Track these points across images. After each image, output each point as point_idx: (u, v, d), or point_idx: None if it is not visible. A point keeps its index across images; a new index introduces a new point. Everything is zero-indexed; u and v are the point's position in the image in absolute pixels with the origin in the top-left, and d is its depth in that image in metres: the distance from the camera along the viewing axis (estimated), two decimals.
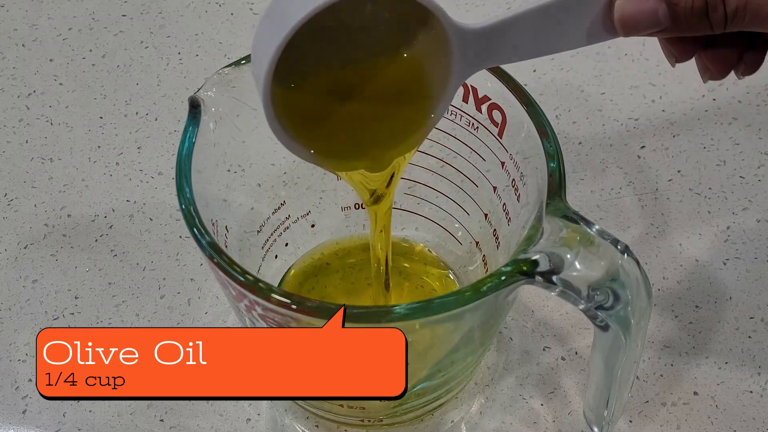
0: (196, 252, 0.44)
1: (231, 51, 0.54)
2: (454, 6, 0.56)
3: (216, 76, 0.33)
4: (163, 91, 0.52)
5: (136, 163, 0.48)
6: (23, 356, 0.41)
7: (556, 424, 0.38)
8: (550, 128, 0.32)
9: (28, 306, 0.42)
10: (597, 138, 0.49)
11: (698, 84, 0.51)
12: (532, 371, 0.40)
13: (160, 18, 0.56)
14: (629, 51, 0.53)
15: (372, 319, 0.28)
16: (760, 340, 0.40)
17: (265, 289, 0.28)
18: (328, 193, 0.41)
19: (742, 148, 0.48)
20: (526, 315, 0.41)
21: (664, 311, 0.41)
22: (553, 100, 0.51)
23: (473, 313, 0.30)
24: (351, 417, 0.37)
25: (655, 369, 0.40)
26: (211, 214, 0.32)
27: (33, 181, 0.48)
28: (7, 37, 0.56)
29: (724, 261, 0.43)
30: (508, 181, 0.34)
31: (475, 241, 0.39)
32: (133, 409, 0.39)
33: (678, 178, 0.47)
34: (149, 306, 0.42)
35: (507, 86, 0.33)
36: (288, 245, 0.41)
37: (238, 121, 0.34)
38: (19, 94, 0.52)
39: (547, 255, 0.28)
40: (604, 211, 0.45)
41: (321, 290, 0.41)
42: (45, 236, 0.45)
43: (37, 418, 0.39)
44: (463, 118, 0.36)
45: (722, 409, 0.38)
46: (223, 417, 0.38)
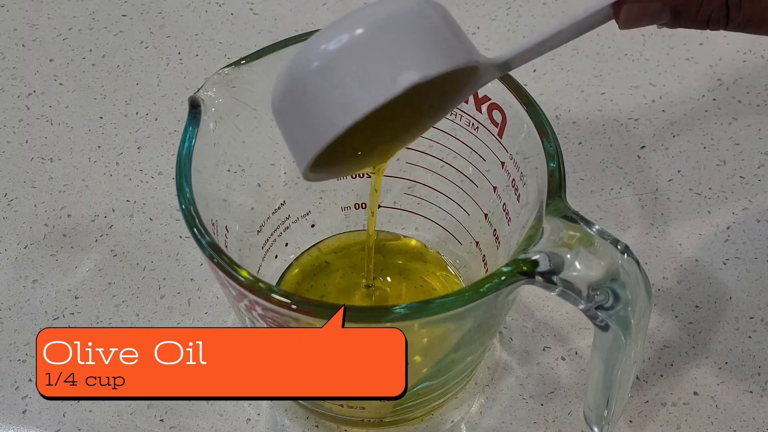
0: (196, 252, 0.44)
1: (231, 51, 0.54)
2: (455, 6, 0.56)
3: (216, 76, 0.33)
4: (163, 91, 0.52)
5: (136, 163, 0.48)
6: (23, 356, 0.41)
7: (556, 424, 0.38)
8: (550, 128, 0.31)
9: (28, 306, 0.42)
10: (597, 138, 0.49)
11: (698, 84, 0.51)
12: (532, 371, 0.40)
13: (160, 18, 0.56)
14: (629, 51, 0.53)
15: (372, 319, 0.28)
16: (760, 340, 0.40)
17: (265, 289, 0.28)
18: (328, 193, 0.42)
19: (742, 148, 0.48)
20: (526, 315, 0.41)
21: (664, 311, 0.41)
22: (553, 100, 0.51)
23: (473, 313, 0.30)
24: (351, 417, 0.37)
25: (655, 369, 0.40)
26: (211, 214, 0.32)
27: (33, 181, 0.48)
28: (7, 37, 0.56)
29: (724, 261, 0.43)
30: (508, 181, 0.34)
31: (475, 241, 0.39)
32: (133, 409, 0.39)
33: (678, 178, 0.47)
34: (149, 306, 0.42)
35: (507, 86, 0.33)
36: (288, 245, 0.41)
37: (238, 121, 0.34)
38: (19, 94, 0.52)
39: (547, 255, 0.28)
40: (604, 211, 0.45)
41: (320, 289, 0.41)
42: (45, 236, 0.45)
43: (37, 418, 0.39)
44: (463, 118, 0.36)
45: (722, 409, 0.38)
46: (223, 417, 0.38)
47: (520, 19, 0.55)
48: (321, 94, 0.26)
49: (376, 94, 0.25)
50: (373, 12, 0.26)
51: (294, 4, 0.57)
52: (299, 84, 0.27)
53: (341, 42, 0.26)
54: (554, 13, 0.56)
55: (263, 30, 0.55)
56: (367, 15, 0.26)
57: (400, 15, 0.26)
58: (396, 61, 0.25)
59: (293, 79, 0.27)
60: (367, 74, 0.25)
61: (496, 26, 0.55)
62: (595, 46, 0.53)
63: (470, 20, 0.55)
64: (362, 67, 0.25)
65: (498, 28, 0.55)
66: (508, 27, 0.55)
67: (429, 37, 0.26)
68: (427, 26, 0.26)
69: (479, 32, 0.54)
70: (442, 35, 0.26)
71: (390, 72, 0.25)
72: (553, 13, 0.56)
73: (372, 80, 0.25)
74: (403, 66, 0.25)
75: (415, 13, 0.26)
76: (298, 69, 0.27)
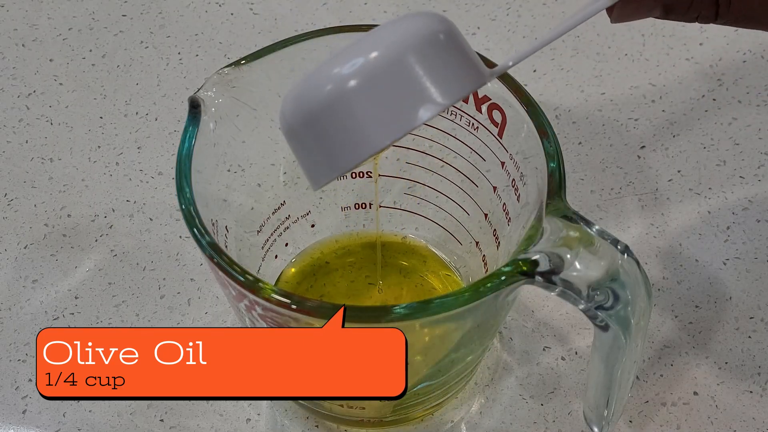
0: (196, 252, 0.44)
1: (231, 51, 0.54)
2: (455, 6, 0.56)
3: (216, 76, 0.33)
4: (163, 91, 0.52)
5: (136, 163, 0.48)
6: (23, 356, 0.41)
7: (556, 424, 0.38)
8: (550, 128, 0.31)
9: (28, 306, 0.42)
10: (597, 138, 0.49)
11: (698, 84, 0.51)
12: (532, 371, 0.40)
13: (160, 18, 0.56)
14: (629, 51, 0.53)
15: (372, 319, 0.28)
16: (760, 340, 0.40)
17: (265, 289, 0.28)
18: (328, 193, 0.42)
19: (742, 148, 0.48)
20: (526, 315, 0.41)
21: (664, 311, 0.41)
22: (553, 100, 0.51)
23: (473, 313, 0.30)
24: (351, 417, 0.37)
25: (655, 369, 0.40)
26: (211, 214, 0.32)
27: (33, 181, 0.48)
28: (7, 37, 0.56)
29: (724, 261, 0.43)
30: (508, 181, 0.34)
31: (475, 241, 0.39)
32: (133, 409, 0.39)
33: (678, 178, 0.47)
34: (149, 306, 0.42)
35: (507, 86, 0.33)
36: (288, 245, 0.41)
37: (238, 121, 0.34)
38: (19, 94, 0.52)
39: (547, 255, 0.28)
40: (604, 211, 0.45)
41: (320, 289, 0.41)
42: (45, 236, 0.45)
43: (37, 418, 0.39)
44: (463, 118, 0.36)
45: (722, 409, 0.38)
46: (223, 417, 0.38)
47: (520, 19, 0.55)
48: (343, 123, 0.27)
49: (397, 127, 0.26)
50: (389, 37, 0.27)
51: (294, 4, 0.57)
52: (321, 109, 0.27)
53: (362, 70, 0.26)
54: (554, 13, 0.56)
55: (263, 30, 0.55)
56: (383, 40, 0.27)
57: (416, 43, 0.27)
58: (416, 92, 0.26)
59: (315, 103, 0.27)
60: (388, 106, 0.26)
61: (496, 26, 0.55)
62: (595, 46, 0.53)
63: (470, 20, 0.55)
64: (384, 99, 0.26)
65: (498, 28, 0.55)
66: (508, 27, 0.55)
67: (445, 63, 0.27)
68: (441, 50, 0.27)
69: (479, 32, 0.54)
70: (455, 59, 0.27)
71: (411, 103, 0.26)
72: (553, 13, 0.56)
73: (394, 112, 0.26)
74: (423, 97, 0.26)
75: (429, 37, 0.27)
76: (319, 94, 0.27)
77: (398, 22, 0.27)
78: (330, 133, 0.27)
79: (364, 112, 0.26)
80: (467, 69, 0.27)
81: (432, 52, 0.27)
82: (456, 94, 0.27)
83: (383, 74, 0.26)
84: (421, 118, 0.26)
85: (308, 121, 0.27)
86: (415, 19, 0.27)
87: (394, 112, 0.26)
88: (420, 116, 0.26)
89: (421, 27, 0.27)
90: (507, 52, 0.53)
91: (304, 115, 0.27)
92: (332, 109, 0.27)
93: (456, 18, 0.55)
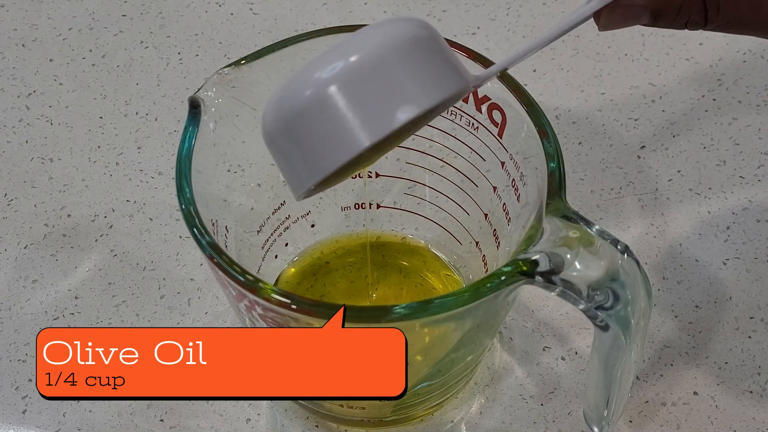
0: (196, 252, 0.44)
1: (231, 51, 0.54)
2: (454, 6, 0.56)
3: (216, 76, 0.33)
4: (163, 91, 0.52)
5: (136, 163, 0.48)
6: (23, 356, 0.41)
7: (556, 424, 0.38)
8: (550, 128, 0.32)
9: (28, 306, 0.42)
10: (597, 138, 0.49)
11: (698, 84, 0.51)
12: (532, 371, 0.40)
13: (160, 18, 0.56)
14: (629, 51, 0.53)
15: (372, 319, 0.28)
16: (760, 340, 0.40)
17: (265, 289, 0.28)
18: (328, 193, 0.41)
19: (742, 148, 0.48)
20: (526, 315, 0.41)
21: (664, 311, 0.41)
22: (553, 100, 0.51)
23: (473, 313, 0.30)
24: (351, 417, 0.37)
25: (655, 369, 0.40)
26: (211, 214, 0.32)
27: (33, 181, 0.48)
28: (7, 37, 0.56)
29: (724, 261, 0.43)
30: (508, 181, 0.34)
31: (475, 241, 0.39)
32: (133, 409, 0.39)
33: (678, 178, 0.47)
34: (149, 306, 0.42)
35: (507, 86, 0.33)
36: (288, 245, 0.41)
37: (238, 121, 0.34)
38: (19, 94, 0.52)
39: (547, 255, 0.28)
40: (604, 211, 0.45)
41: (320, 289, 0.41)
42: (45, 236, 0.45)
43: (37, 418, 0.39)
44: (463, 118, 0.36)
45: (722, 409, 0.38)
46: (223, 417, 0.38)
47: (520, 19, 0.55)
48: (321, 127, 0.26)
49: (376, 128, 0.26)
50: (369, 41, 0.26)
51: (294, 4, 0.57)
52: (298, 115, 0.27)
53: (341, 74, 0.26)
54: (554, 12, 0.56)
55: (263, 30, 0.55)
56: (363, 44, 0.26)
57: (395, 46, 0.26)
58: (395, 95, 0.26)
59: (293, 109, 0.27)
60: (367, 109, 0.26)
61: (496, 26, 0.55)
62: (595, 46, 0.53)
63: (470, 20, 0.55)
64: (362, 102, 0.26)
65: (498, 28, 0.55)
66: (508, 27, 0.55)
67: (425, 66, 0.27)
68: (421, 54, 0.27)
69: (479, 32, 0.54)
70: (436, 61, 0.27)
71: (389, 106, 0.26)
72: (553, 13, 0.56)
73: (372, 115, 0.26)
74: (402, 100, 0.26)
75: (409, 40, 0.26)
76: (297, 99, 0.27)
77: (378, 26, 0.27)
78: (310, 135, 0.27)
79: (345, 110, 0.26)
80: (448, 74, 0.27)
81: (410, 57, 0.26)
82: (434, 97, 0.26)
83: (364, 71, 0.26)
84: (400, 119, 0.26)
85: (288, 120, 0.27)
86: (394, 24, 0.27)
87: (375, 114, 0.26)
88: (400, 117, 0.26)
89: (399, 32, 0.27)
90: (507, 51, 0.53)
91: (285, 114, 0.27)
92: (312, 109, 0.26)
93: (456, 18, 0.55)
